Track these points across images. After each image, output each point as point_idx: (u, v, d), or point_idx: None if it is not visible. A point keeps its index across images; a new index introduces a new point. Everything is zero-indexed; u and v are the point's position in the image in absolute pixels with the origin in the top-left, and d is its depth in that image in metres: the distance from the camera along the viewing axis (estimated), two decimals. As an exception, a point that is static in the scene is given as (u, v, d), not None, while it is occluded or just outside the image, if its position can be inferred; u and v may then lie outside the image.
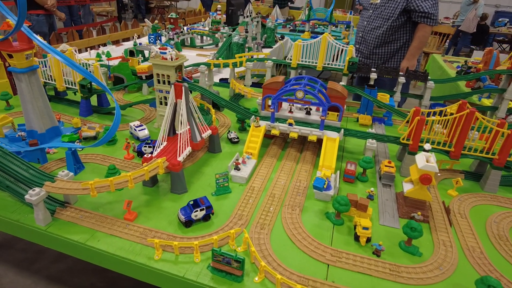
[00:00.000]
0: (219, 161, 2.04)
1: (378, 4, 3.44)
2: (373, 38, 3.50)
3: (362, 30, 3.65)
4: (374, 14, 3.48)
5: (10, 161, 1.56)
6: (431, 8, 3.15)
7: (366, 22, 3.58)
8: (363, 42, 3.64)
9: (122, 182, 1.48)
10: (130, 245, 1.40)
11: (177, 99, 1.84)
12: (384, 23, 3.38)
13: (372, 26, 3.50)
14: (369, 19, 3.54)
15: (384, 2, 3.38)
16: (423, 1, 3.15)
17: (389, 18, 3.34)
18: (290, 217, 1.60)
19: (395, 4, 3.28)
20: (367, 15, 3.59)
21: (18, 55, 1.86)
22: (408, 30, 3.39)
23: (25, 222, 1.50)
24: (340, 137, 2.01)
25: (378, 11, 3.43)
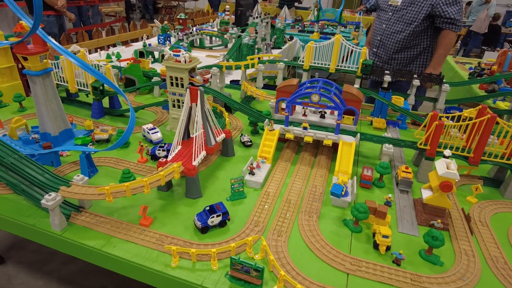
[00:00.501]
0: (233, 165, 2.02)
1: (398, 6, 3.25)
2: (393, 42, 3.33)
3: (380, 33, 3.45)
4: (394, 17, 3.29)
5: (26, 164, 1.56)
6: (457, 14, 2.99)
7: (385, 25, 3.39)
8: (382, 46, 3.46)
9: (138, 187, 1.47)
10: (146, 252, 1.39)
11: (192, 103, 1.82)
12: (406, 27, 3.19)
13: (392, 30, 3.31)
14: (389, 22, 3.35)
15: (405, 5, 3.19)
16: (449, 7, 2.98)
17: (411, 23, 3.16)
18: (307, 224, 1.57)
19: (419, 8, 3.10)
20: (385, 18, 3.39)
21: (33, 58, 1.86)
22: (429, 36, 3.23)
23: (41, 227, 1.50)
24: (357, 142, 1.97)
25: (399, 14, 3.25)
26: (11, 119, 2.38)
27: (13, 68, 2.69)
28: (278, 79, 3.01)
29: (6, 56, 2.63)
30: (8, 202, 1.64)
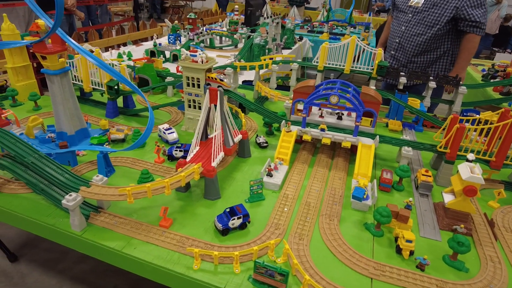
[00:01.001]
0: (250, 166, 2.01)
1: (420, 8, 3.15)
2: (413, 45, 3.24)
3: (399, 35, 3.35)
4: (415, 19, 3.19)
5: (46, 164, 1.55)
6: (482, 17, 2.90)
7: (404, 27, 3.29)
8: (401, 49, 3.38)
9: (158, 188, 1.45)
10: (167, 254, 1.37)
11: (211, 104, 1.80)
12: (428, 30, 3.10)
13: (412, 33, 3.22)
14: (408, 24, 3.25)
15: (427, 7, 3.09)
16: (474, 9, 2.89)
17: (433, 26, 3.06)
18: (329, 228, 1.55)
19: (442, 10, 3.00)
20: (405, 19, 3.29)
21: (52, 57, 1.85)
22: (450, 39, 3.14)
23: (60, 227, 1.49)
24: (376, 144, 1.95)
25: (420, 16, 3.15)
26: (26, 118, 2.39)
27: (28, 67, 2.69)
28: (291, 79, 2.99)
29: (22, 55, 2.64)
30: (27, 201, 1.64)
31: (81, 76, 2.56)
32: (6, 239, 2.89)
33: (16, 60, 2.61)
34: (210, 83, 2.05)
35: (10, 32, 2.50)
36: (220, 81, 2.00)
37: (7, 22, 2.48)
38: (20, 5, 6.52)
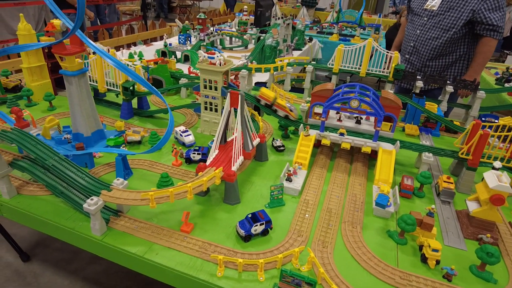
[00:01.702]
0: (267, 170, 1.98)
1: (435, 11, 3.09)
2: (428, 49, 3.19)
3: (414, 39, 3.31)
4: (430, 23, 3.14)
5: (66, 167, 1.54)
6: (499, 21, 2.84)
7: (419, 31, 3.24)
8: (415, 53, 3.33)
9: (181, 193, 1.43)
10: (190, 260, 1.35)
11: (231, 107, 1.78)
12: (443, 34, 3.05)
13: (427, 36, 3.16)
14: (424, 28, 3.20)
15: (443, 10, 3.03)
16: (491, 13, 2.83)
17: (449, 29, 3.01)
18: (352, 235, 1.52)
19: (458, 14, 2.95)
20: (420, 23, 3.24)
21: (70, 58, 1.84)
22: (467, 42, 3.08)
23: (80, 231, 1.48)
24: (396, 150, 1.92)
25: (435, 20, 3.09)
26: (42, 118, 2.39)
27: (43, 67, 2.68)
28: (305, 82, 2.96)
29: (37, 55, 2.63)
30: (46, 203, 1.63)
31: (95, 76, 2.55)
32: (18, 238, 2.88)
33: (31, 60, 2.61)
34: (277, 108, 2.01)
35: (26, 32, 2.49)
36: (290, 111, 1.98)
37: (24, 22, 2.47)
38: (31, 4, 6.55)
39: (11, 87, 2.81)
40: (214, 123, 2.29)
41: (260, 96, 2.05)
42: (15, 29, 7.24)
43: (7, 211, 1.66)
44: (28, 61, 2.59)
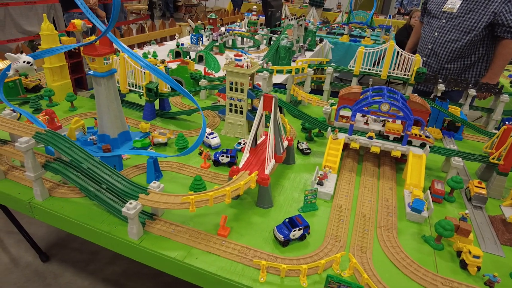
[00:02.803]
0: (296, 174, 1.98)
1: (454, 14, 3.07)
2: (446, 52, 3.17)
3: (432, 41, 3.29)
4: (449, 25, 3.12)
5: (102, 170, 1.53)
6: None
7: (437, 33, 3.23)
8: (433, 55, 3.31)
9: (219, 197, 1.43)
10: (231, 265, 1.35)
11: (264, 111, 1.77)
12: (463, 36, 3.03)
13: (446, 39, 3.15)
14: (442, 30, 3.18)
15: (463, 13, 3.01)
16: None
17: (469, 32, 2.99)
18: (389, 240, 1.52)
19: (479, 16, 2.93)
20: (438, 25, 3.23)
21: (100, 59, 1.83)
22: (485, 44, 3.07)
23: (117, 235, 1.47)
24: (426, 154, 1.91)
25: (455, 22, 3.07)
26: (64, 119, 2.38)
27: (63, 67, 2.67)
28: (325, 84, 2.95)
29: (58, 55, 2.62)
30: (79, 206, 1.62)
31: (117, 77, 2.54)
32: (36, 238, 2.88)
33: (52, 60, 2.59)
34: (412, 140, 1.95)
35: (49, 32, 2.48)
36: (426, 138, 1.93)
37: (47, 22, 2.46)
38: (40, 3, 6.55)
39: (31, 87, 2.80)
40: (239, 125, 2.28)
41: (387, 132, 2.00)
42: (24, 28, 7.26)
43: (39, 213, 1.66)
44: (50, 61, 2.58)
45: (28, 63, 1.53)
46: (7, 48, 6.11)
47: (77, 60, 2.78)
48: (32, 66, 1.55)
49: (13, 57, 1.56)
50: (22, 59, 1.55)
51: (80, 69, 2.84)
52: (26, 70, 1.55)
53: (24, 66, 1.54)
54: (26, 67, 1.55)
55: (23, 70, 1.53)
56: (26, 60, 1.55)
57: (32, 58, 1.58)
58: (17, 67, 1.54)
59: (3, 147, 1.74)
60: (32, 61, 1.57)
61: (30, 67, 1.55)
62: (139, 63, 1.73)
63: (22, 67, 1.53)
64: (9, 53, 1.59)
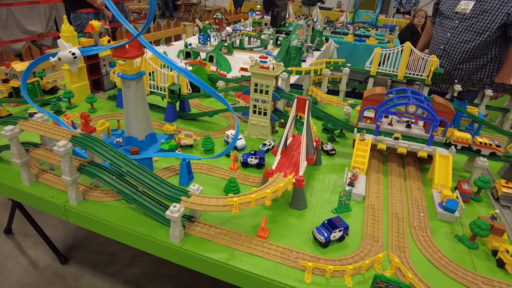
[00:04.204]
0: (323, 175, 1.99)
1: (468, 15, 3.11)
2: (459, 52, 3.22)
3: (444, 42, 3.34)
4: (462, 26, 3.16)
5: (141, 173, 1.53)
6: None
7: (450, 34, 3.27)
8: (445, 56, 3.36)
9: (260, 199, 1.44)
10: (275, 267, 1.36)
11: (296, 113, 1.79)
12: (476, 37, 3.08)
13: (458, 40, 3.19)
14: (455, 31, 3.22)
15: (476, 14, 3.06)
16: None
17: (483, 33, 3.04)
18: (424, 240, 1.54)
19: (492, 17, 2.97)
20: (451, 26, 3.27)
21: (130, 62, 1.83)
22: (498, 45, 3.12)
23: (158, 238, 1.47)
24: (452, 154, 1.94)
25: (468, 23, 3.11)
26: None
27: (81, 68, 2.66)
28: (342, 84, 2.97)
29: (76, 56, 2.61)
30: (115, 209, 1.63)
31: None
32: (53, 240, 2.87)
33: (71, 62, 2.58)
34: (481, 149, 1.98)
35: (69, 34, 2.47)
36: (497, 147, 1.93)
37: (67, 24, 2.45)
38: (43, 3, 6.49)
39: (49, 89, 2.79)
40: (263, 126, 2.29)
41: (455, 141, 2.01)
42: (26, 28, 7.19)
43: (74, 216, 1.66)
44: (69, 63, 2.57)
45: (73, 55, 1.52)
46: (10, 49, 6.05)
47: (94, 62, 2.77)
48: (75, 59, 1.54)
49: (63, 45, 1.56)
50: (70, 49, 1.54)
51: (97, 70, 2.84)
52: (68, 62, 1.53)
53: (68, 57, 1.53)
54: (70, 59, 1.53)
55: (66, 61, 1.52)
56: (73, 52, 1.54)
57: (78, 54, 1.58)
58: (62, 56, 1.52)
59: (36, 151, 1.74)
60: (78, 54, 1.56)
61: (73, 60, 1.53)
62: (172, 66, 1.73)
63: (66, 56, 1.52)
64: (61, 40, 1.59)
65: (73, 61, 1.53)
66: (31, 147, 1.77)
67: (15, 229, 3.07)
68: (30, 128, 1.67)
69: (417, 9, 6.96)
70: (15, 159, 1.68)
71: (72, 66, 1.57)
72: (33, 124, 1.69)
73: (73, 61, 1.53)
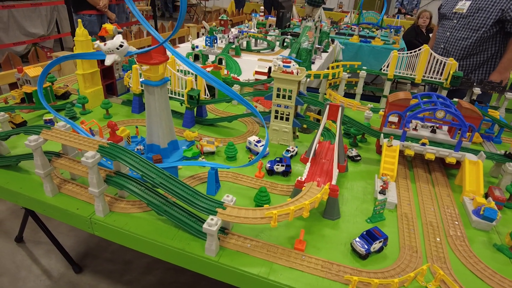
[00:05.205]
0: (351, 182, 1.96)
1: (464, 14, 3.26)
2: (457, 49, 3.33)
3: (444, 41, 3.48)
4: (459, 24, 3.31)
5: (174, 185, 1.48)
6: None
7: (449, 33, 3.41)
8: (445, 54, 3.47)
9: (298, 211, 1.40)
10: (316, 281, 1.32)
11: (328, 119, 1.75)
12: (473, 34, 3.20)
13: (456, 37, 3.33)
14: (453, 30, 3.37)
15: (472, 12, 3.19)
16: None
17: (478, 29, 3.16)
18: (463, 250, 1.51)
19: (487, 14, 3.09)
20: (449, 26, 3.42)
21: (154, 68, 1.78)
22: (498, 41, 3.21)
23: (192, 252, 1.42)
24: (482, 160, 1.91)
25: (465, 21, 3.26)
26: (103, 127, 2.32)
27: (95, 73, 2.60)
28: (358, 87, 2.94)
29: (90, 61, 2.55)
30: (144, 222, 1.58)
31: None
32: (66, 248, 2.80)
33: (85, 67, 2.53)
34: None
35: (84, 38, 2.41)
36: None
37: (81, 28, 2.39)
38: (46, 5, 6.38)
39: (61, 94, 2.73)
40: (284, 132, 2.25)
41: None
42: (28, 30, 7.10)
43: (100, 229, 1.60)
44: (83, 67, 2.51)
45: (121, 45, 1.46)
46: (12, 51, 5.95)
47: (106, 66, 2.71)
48: (119, 49, 1.47)
49: (116, 31, 1.50)
50: (119, 39, 1.48)
51: (110, 74, 2.78)
52: (112, 47, 1.47)
53: (114, 44, 1.47)
54: (114, 45, 1.47)
55: (113, 47, 1.47)
56: (121, 42, 1.48)
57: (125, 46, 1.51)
58: (110, 42, 1.47)
59: (59, 161, 1.68)
60: (124, 45, 1.49)
61: (117, 50, 1.47)
62: (199, 74, 1.68)
63: (113, 44, 1.46)
64: (117, 28, 1.53)
65: (117, 50, 1.47)
66: (53, 156, 1.71)
67: (26, 237, 3.00)
68: (54, 138, 1.61)
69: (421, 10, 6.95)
70: (38, 169, 1.62)
71: (111, 56, 1.49)
72: (57, 134, 1.63)
73: (117, 50, 1.47)
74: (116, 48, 1.46)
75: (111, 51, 1.47)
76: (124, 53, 1.51)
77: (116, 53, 1.48)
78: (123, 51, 1.49)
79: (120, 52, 1.49)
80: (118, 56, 1.49)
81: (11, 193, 1.76)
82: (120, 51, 1.48)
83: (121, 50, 1.48)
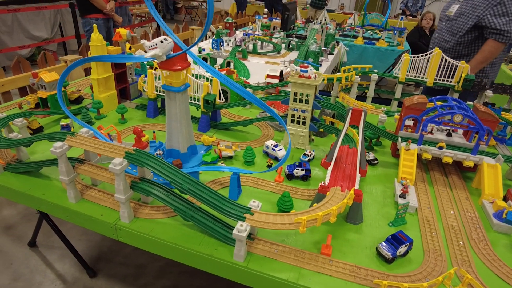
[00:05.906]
0: (370, 186, 1.97)
1: (451, 17, 3.36)
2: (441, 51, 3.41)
3: (433, 42, 3.64)
4: (446, 27, 3.42)
5: (202, 191, 1.49)
6: (505, 25, 3.00)
7: (437, 34, 3.57)
8: None
9: (326, 216, 1.41)
10: (346, 285, 1.33)
11: (350, 124, 1.76)
12: (452, 37, 3.32)
13: (440, 39, 3.47)
14: (441, 32, 3.51)
15: (456, 16, 3.29)
16: (497, 18, 3.01)
17: (456, 33, 3.27)
18: (487, 253, 1.53)
19: (466, 19, 3.17)
20: (439, 28, 3.57)
21: (176, 74, 1.79)
22: (478, 47, 3.27)
23: (221, 257, 1.43)
24: (500, 163, 1.93)
25: (450, 24, 3.37)
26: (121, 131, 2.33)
27: (109, 78, 2.61)
28: (369, 90, 2.96)
29: (104, 65, 2.56)
30: (169, 227, 1.59)
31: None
32: (79, 252, 2.80)
33: (99, 71, 2.54)
34: None
35: (99, 43, 2.42)
36: None
37: (97, 33, 2.40)
38: (50, 8, 6.38)
39: (74, 99, 2.74)
40: (301, 136, 2.27)
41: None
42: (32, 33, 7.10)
43: (125, 235, 1.61)
44: (97, 72, 2.52)
45: (161, 41, 1.50)
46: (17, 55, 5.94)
47: (121, 70, 2.73)
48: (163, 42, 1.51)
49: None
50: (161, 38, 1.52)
51: (124, 79, 2.79)
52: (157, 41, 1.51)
53: (159, 38, 1.51)
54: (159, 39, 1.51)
55: (157, 40, 1.51)
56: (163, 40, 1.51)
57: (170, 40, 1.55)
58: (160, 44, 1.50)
59: (82, 167, 1.69)
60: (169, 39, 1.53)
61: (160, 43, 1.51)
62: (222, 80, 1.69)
63: (158, 38, 1.50)
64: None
65: (161, 44, 1.50)
66: (76, 163, 1.72)
67: (39, 241, 3.00)
68: (78, 144, 1.62)
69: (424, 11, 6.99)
70: (63, 176, 1.63)
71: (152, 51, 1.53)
72: (81, 140, 1.64)
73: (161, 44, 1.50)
74: (160, 41, 1.50)
75: (155, 44, 1.51)
76: (167, 48, 1.56)
77: (159, 47, 1.52)
78: (166, 45, 1.54)
79: (163, 47, 1.53)
80: (159, 51, 1.53)
81: (34, 200, 1.77)
82: (163, 44, 1.52)
83: (165, 44, 1.53)
